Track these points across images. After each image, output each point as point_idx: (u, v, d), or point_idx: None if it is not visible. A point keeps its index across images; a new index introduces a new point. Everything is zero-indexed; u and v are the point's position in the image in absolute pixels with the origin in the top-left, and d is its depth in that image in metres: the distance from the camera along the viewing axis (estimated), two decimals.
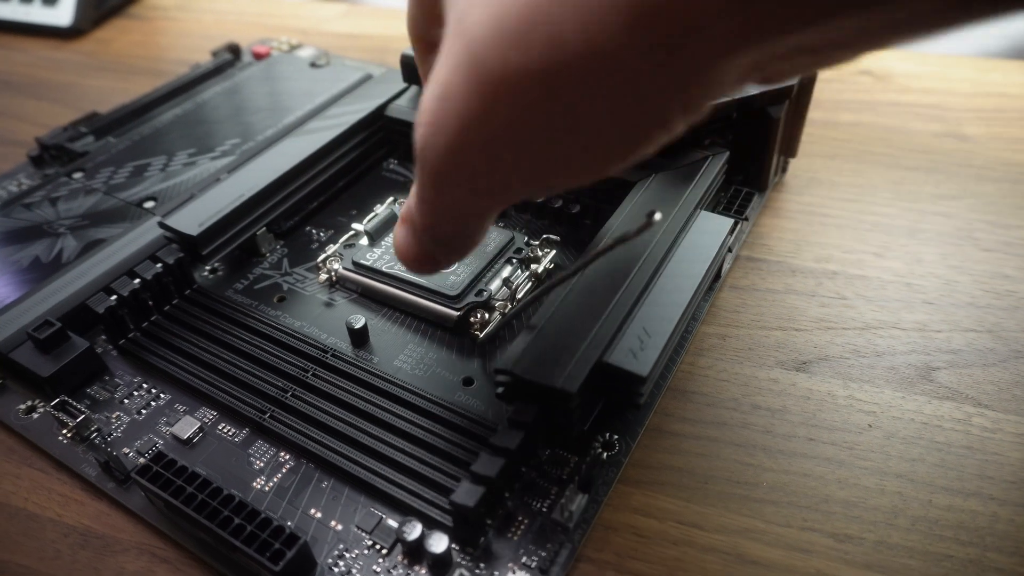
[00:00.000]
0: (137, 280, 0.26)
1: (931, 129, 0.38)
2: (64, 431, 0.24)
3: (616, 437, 0.23)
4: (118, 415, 0.24)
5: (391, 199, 0.32)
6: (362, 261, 0.28)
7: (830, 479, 0.22)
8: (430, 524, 0.20)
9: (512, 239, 0.29)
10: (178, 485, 0.20)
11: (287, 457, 0.23)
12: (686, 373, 0.26)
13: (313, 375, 0.24)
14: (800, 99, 0.31)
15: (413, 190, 0.18)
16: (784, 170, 0.35)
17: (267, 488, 0.22)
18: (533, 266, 0.28)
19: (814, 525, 0.21)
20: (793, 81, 0.28)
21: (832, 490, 0.22)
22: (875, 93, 0.42)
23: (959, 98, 0.40)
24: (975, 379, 0.25)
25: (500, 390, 0.22)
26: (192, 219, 0.28)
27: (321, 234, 0.32)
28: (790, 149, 0.34)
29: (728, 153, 0.29)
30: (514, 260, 0.28)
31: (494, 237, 0.29)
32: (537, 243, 0.29)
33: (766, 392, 0.25)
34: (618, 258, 0.24)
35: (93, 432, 0.24)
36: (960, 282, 0.28)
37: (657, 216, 0.19)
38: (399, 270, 0.27)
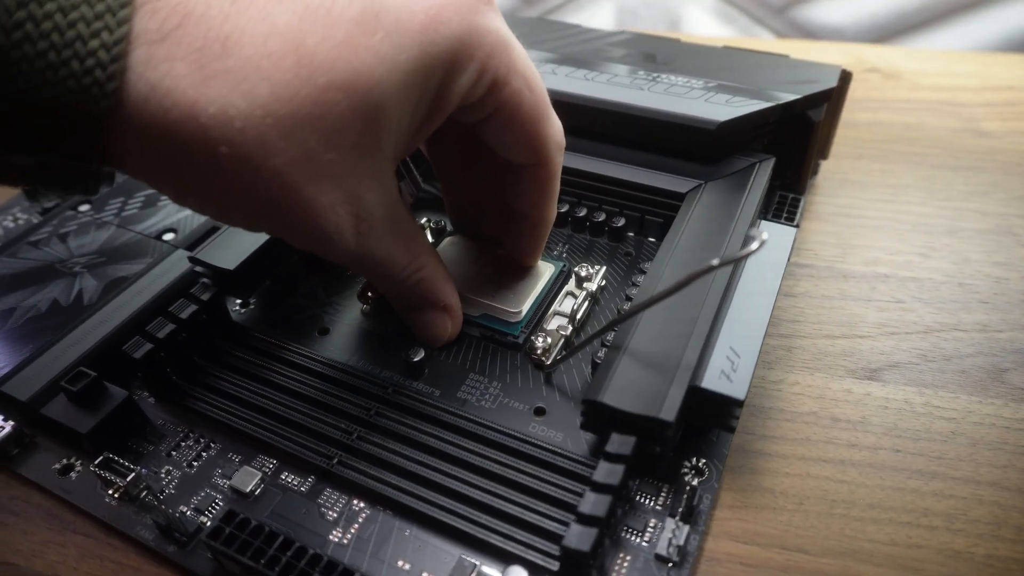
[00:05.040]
0: (172, 321, 0.24)
1: (949, 125, 0.38)
2: (111, 491, 0.22)
3: (704, 462, 0.22)
4: (168, 469, 0.23)
5: (423, 220, 0.31)
6: None
7: (925, 491, 0.22)
8: (532, 570, 0.19)
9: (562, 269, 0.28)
10: (257, 547, 0.19)
11: (361, 505, 0.21)
12: (758, 388, 0.25)
13: (376, 413, 0.23)
14: (836, 101, 0.31)
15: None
16: (816, 172, 0.35)
17: (345, 540, 0.20)
18: (586, 285, 0.27)
19: (920, 542, 0.20)
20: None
21: (930, 503, 0.21)
22: (886, 91, 0.42)
23: (968, 93, 0.41)
24: None
25: (584, 420, 0.21)
26: (225, 252, 0.26)
27: None
28: (823, 151, 0.33)
29: (774, 159, 0.29)
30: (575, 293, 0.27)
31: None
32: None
33: (843, 403, 0.24)
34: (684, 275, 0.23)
35: (143, 490, 0.22)
36: (1010, 279, 0.28)
37: (764, 236, 0.18)
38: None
